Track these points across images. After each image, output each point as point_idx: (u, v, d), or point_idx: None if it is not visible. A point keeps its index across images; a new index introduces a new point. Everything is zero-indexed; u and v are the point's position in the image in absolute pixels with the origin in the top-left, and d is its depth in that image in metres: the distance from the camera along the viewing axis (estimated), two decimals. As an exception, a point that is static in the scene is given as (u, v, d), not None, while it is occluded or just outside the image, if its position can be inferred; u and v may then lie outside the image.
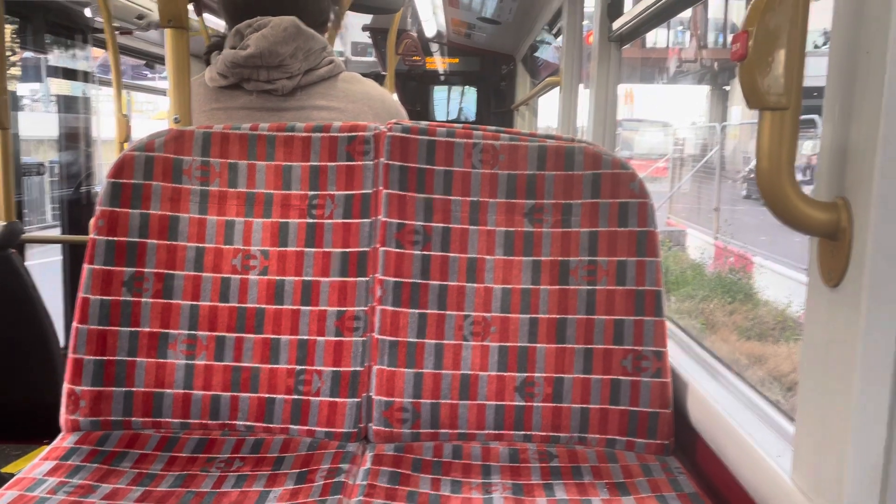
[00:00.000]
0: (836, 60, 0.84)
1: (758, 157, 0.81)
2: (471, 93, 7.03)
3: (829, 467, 0.84)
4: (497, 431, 1.29)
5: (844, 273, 0.81)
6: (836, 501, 0.82)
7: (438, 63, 7.01)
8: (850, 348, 0.80)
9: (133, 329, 1.31)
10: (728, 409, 1.16)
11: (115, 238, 1.31)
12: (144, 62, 4.54)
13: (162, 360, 1.31)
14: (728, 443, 1.10)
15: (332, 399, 1.29)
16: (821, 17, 0.89)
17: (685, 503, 1.10)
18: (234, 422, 1.31)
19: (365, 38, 5.87)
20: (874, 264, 0.78)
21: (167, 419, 1.30)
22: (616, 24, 2.35)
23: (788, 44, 0.77)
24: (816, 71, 0.97)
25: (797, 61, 0.78)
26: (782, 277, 7.22)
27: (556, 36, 4.45)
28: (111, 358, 1.30)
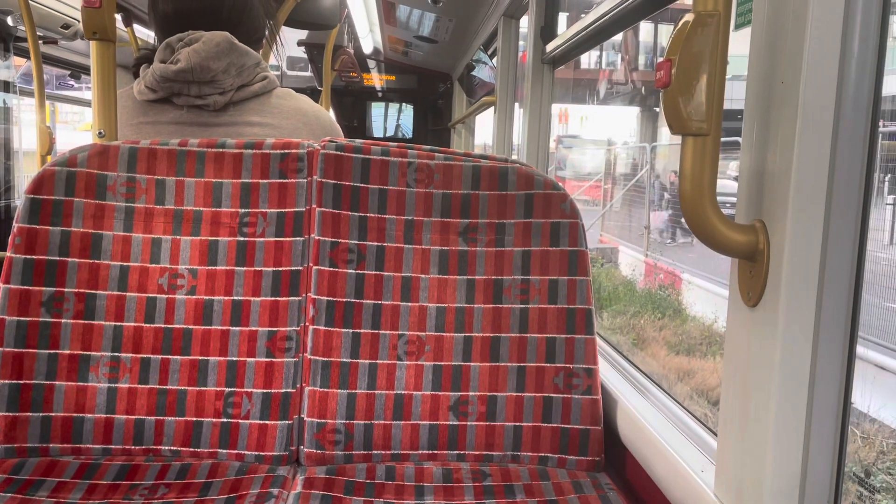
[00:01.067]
0: (753, 89, 0.88)
1: (680, 181, 0.83)
2: (408, 110, 7.06)
3: (749, 482, 0.87)
4: (431, 451, 1.28)
5: (762, 293, 0.85)
6: (757, 515, 0.85)
7: (376, 80, 7.02)
8: (769, 366, 0.83)
9: (52, 351, 1.25)
10: (655, 426, 1.18)
11: (34, 256, 1.26)
12: (70, 72, 4.39)
13: (83, 384, 1.25)
14: (656, 458, 1.13)
15: (262, 422, 1.27)
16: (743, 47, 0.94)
17: None
18: (159, 447, 1.26)
19: (301, 52, 5.83)
20: (790, 285, 0.81)
21: (87, 445, 1.25)
22: (549, 47, 2.40)
23: (709, 72, 0.80)
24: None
25: (717, 89, 0.81)
26: (709, 293, 7.46)
27: (492, 56, 4.52)
28: (28, 382, 1.24)
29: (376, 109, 7.12)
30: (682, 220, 0.86)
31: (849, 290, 0.82)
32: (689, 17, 0.80)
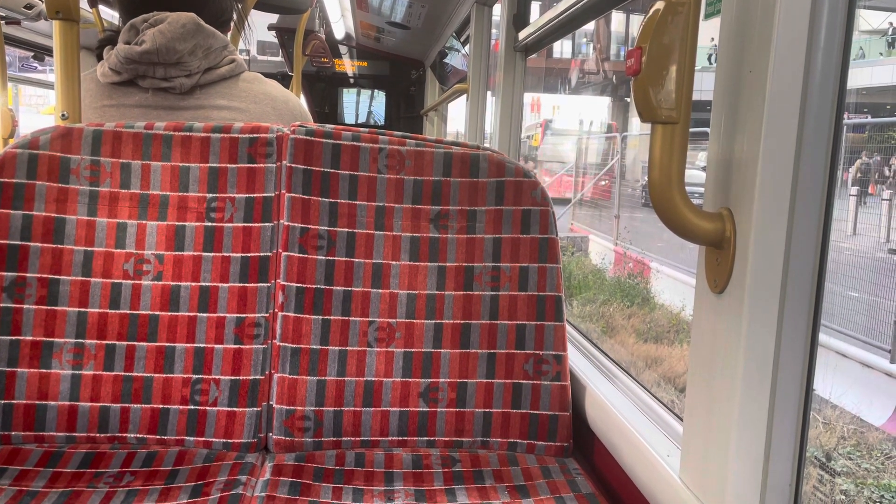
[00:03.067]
0: (722, 78, 0.89)
1: (649, 169, 0.84)
2: (380, 97, 7.01)
3: (713, 466, 0.88)
4: (400, 438, 1.29)
5: (728, 280, 0.86)
6: (720, 498, 0.86)
7: (348, 66, 6.96)
8: (734, 353, 0.85)
9: (14, 337, 1.23)
10: (623, 412, 1.20)
11: None
12: (33, 54, 4.28)
13: (45, 371, 1.23)
14: (623, 444, 1.14)
15: (230, 409, 1.26)
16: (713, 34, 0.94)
17: (583, 503, 1.13)
18: (124, 434, 1.25)
19: (272, 37, 5.75)
20: (755, 272, 0.82)
21: (51, 433, 1.23)
22: (522, 35, 2.40)
23: (679, 61, 0.81)
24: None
25: (687, 78, 0.82)
26: (676, 282, 7.56)
27: (464, 44, 4.50)
28: None
29: (348, 96, 7.06)
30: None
31: (812, 278, 0.83)
32: (660, 4, 0.80)
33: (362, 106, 7.09)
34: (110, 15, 3.07)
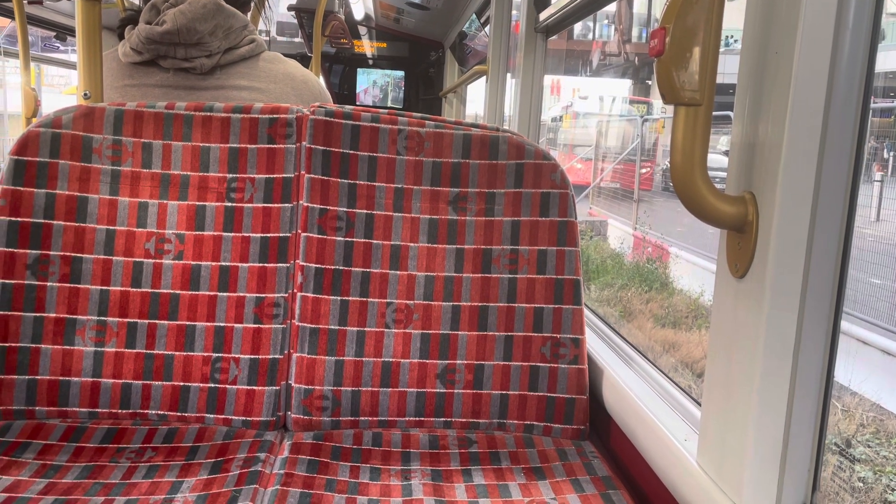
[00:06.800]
0: (747, 60, 0.87)
1: (671, 152, 0.83)
2: (399, 78, 6.98)
3: (731, 451, 0.88)
4: (418, 418, 1.29)
5: (750, 265, 0.85)
6: (738, 483, 0.86)
7: (367, 47, 6.93)
8: (754, 337, 0.84)
9: (38, 314, 1.24)
10: (640, 396, 1.19)
11: (19, 219, 1.24)
12: (55, 34, 4.31)
13: (69, 347, 1.25)
14: (640, 427, 1.14)
15: (249, 387, 1.27)
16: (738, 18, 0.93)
17: (599, 486, 1.13)
18: (146, 411, 1.26)
19: (292, 18, 5.74)
20: (777, 256, 0.81)
21: (74, 408, 1.25)
22: (543, 15, 2.37)
23: (703, 42, 0.80)
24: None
25: (711, 59, 0.80)
26: (695, 267, 7.50)
27: (484, 25, 4.46)
28: (13, 344, 1.23)
29: (367, 77, 7.04)
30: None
31: (835, 263, 0.82)
32: (684, -16, 0.79)
33: (381, 87, 7.06)
34: (131, -5, 3.08)
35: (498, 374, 1.30)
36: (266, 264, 1.29)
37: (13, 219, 1.24)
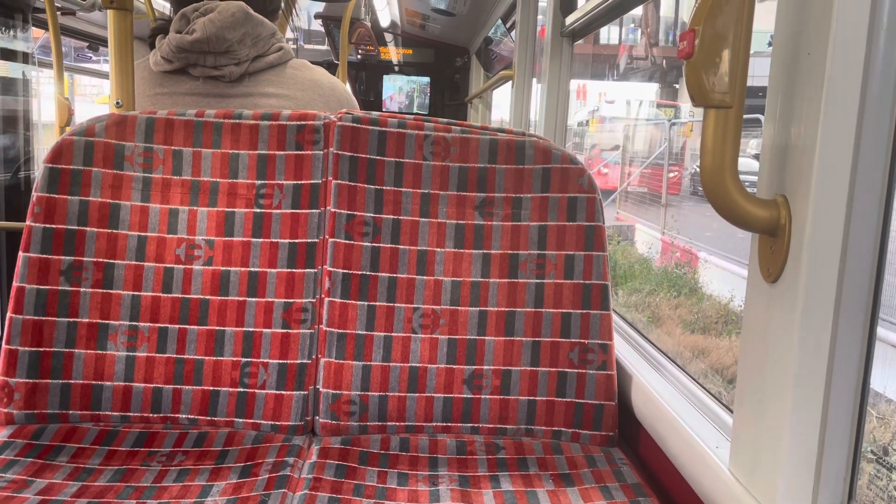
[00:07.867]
0: (779, 61, 0.86)
1: (702, 155, 0.82)
2: (425, 84, 7.00)
3: (765, 459, 0.87)
4: (445, 424, 1.29)
5: (783, 269, 0.84)
6: (772, 492, 0.85)
7: (393, 54, 6.97)
8: (788, 343, 0.83)
9: (71, 320, 1.27)
10: (670, 402, 1.18)
11: (53, 226, 1.26)
12: (88, 44, 4.39)
13: (101, 352, 1.27)
14: (670, 434, 1.12)
15: (277, 392, 1.28)
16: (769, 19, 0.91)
17: (628, 494, 1.12)
18: (176, 415, 1.28)
19: (318, 26, 5.79)
20: (811, 261, 0.80)
21: (106, 412, 1.27)
22: (569, 20, 2.36)
23: (733, 43, 0.79)
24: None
25: (742, 61, 0.79)
26: (725, 272, 7.40)
27: (510, 30, 4.46)
28: (47, 349, 1.26)
29: (393, 83, 7.07)
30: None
31: (871, 267, 0.80)
32: (713, -15, 0.78)
33: (407, 93, 7.09)
34: (161, 5, 3.13)
35: (525, 379, 1.29)
36: (294, 270, 1.30)
37: (48, 225, 1.26)
